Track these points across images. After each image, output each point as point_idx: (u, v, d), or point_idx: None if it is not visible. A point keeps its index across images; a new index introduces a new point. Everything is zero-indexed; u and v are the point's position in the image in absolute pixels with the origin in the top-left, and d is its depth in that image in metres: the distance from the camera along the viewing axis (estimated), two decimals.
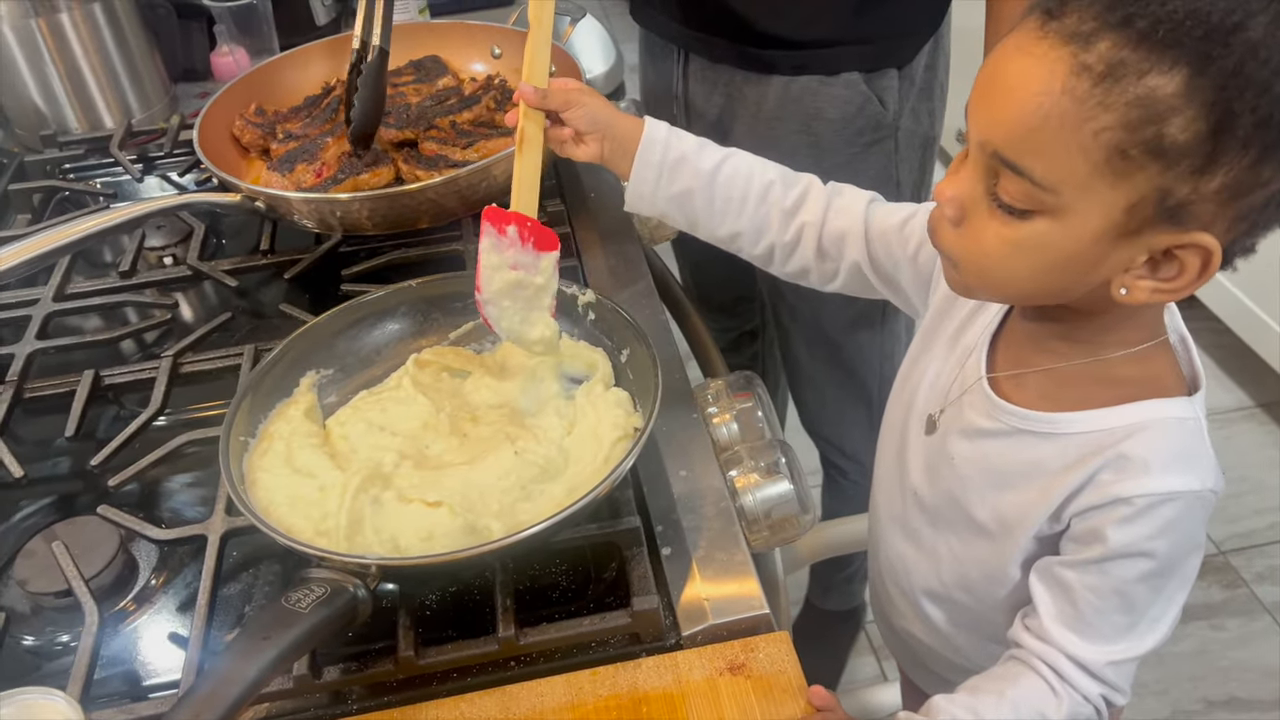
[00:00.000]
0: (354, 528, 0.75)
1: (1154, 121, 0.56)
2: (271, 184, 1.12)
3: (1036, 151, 0.60)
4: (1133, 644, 0.71)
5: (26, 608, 0.82)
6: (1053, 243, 0.62)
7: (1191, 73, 0.55)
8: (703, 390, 0.94)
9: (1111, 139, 0.57)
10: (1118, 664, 0.72)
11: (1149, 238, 0.61)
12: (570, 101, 0.87)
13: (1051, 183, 0.60)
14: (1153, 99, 0.56)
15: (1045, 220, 0.62)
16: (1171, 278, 0.62)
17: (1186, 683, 1.75)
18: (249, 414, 0.84)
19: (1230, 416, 2.21)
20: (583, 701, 0.72)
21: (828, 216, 0.88)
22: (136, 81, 1.46)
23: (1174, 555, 0.69)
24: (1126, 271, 0.63)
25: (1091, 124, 0.57)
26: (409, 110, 1.21)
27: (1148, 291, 0.63)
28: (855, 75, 1.16)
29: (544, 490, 0.79)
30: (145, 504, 0.92)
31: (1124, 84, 0.56)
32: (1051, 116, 0.58)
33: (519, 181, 0.88)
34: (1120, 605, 0.70)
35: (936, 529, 0.83)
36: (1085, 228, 0.61)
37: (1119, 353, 0.69)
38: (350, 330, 0.93)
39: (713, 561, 0.79)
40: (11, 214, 1.30)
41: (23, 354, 1.02)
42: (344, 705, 0.74)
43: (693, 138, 0.89)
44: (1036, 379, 0.73)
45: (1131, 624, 0.71)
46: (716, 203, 0.88)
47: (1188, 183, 0.58)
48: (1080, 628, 0.71)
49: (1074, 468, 0.70)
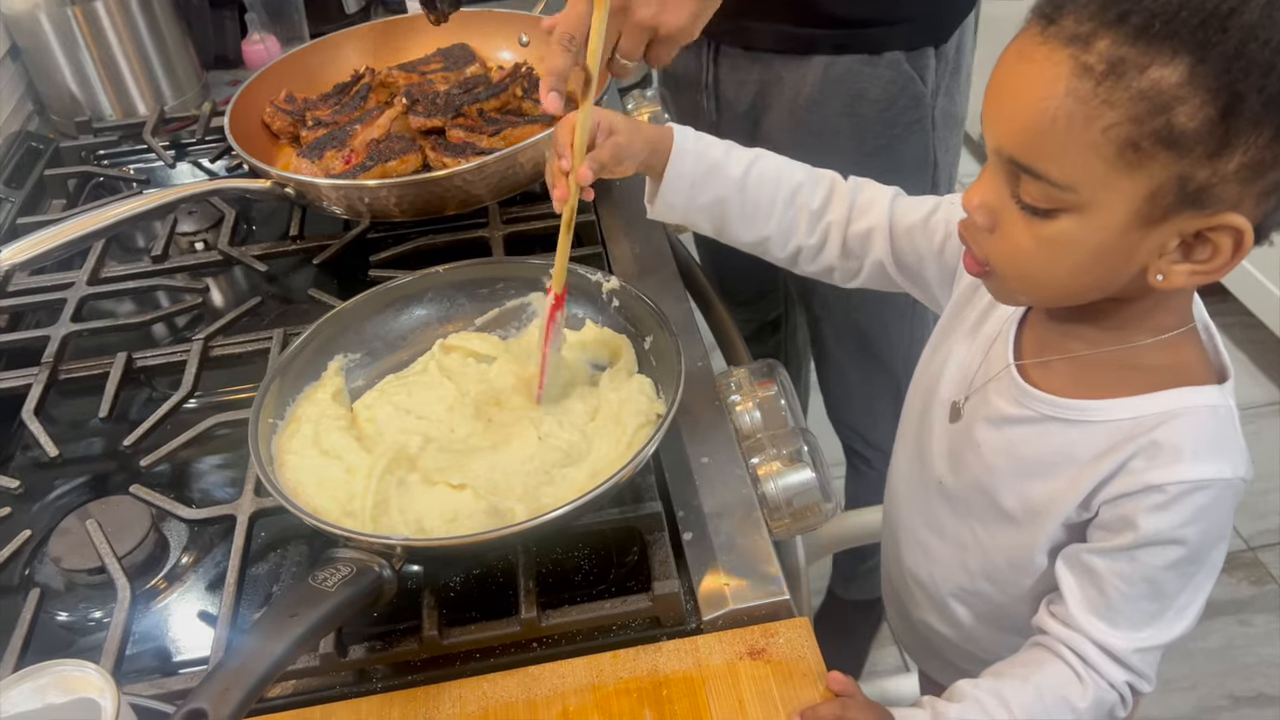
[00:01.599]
0: (380, 509, 0.76)
1: (1161, 112, 0.57)
2: (301, 170, 1.13)
3: (1049, 154, 0.61)
4: (1160, 631, 0.71)
5: (61, 584, 0.84)
6: (1082, 238, 0.63)
7: (1193, 61, 0.56)
8: (725, 377, 0.95)
9: (1121, 134, 0.58)
10: (1144, 651, 0.72)
11: (1177, 223, 0.61)
12: (619, 158, 0.83)
13: (1069, 182, 0.61)
14: (1157, 91, 0.57)
15: (1070, 217, 0.62)
16: (1206, 259, 0.62)
17: (1213, 678, 1.74)
18: (278, 397, 0.86)
19: (1261, 411, 2.18)
20: (603, 683, 0.72)
21: (852, 215, 0.87)
22: (169, 69, 1.47)
23: (1204, 543, 0.69)
24: (1161, 257, 0.63)
25: (1099, 122, 0.58)
26: (437, 98, 1.22)
27: (1185, 275, 0.63)
28: (898, 54, 1.15)
29: (567, 475, 0.80)
30: (176, 484, 0.93)
31: (1126, 80, 0.57)
32: (1059, 119, 0.59)
33: (563, 258, 0.85)
34: (1149, 592, 0.70)
35: (962, 519, 0.83)
36: (1111, 220, 0.61)
37: (1149, 339, 0.69)
38: (378, 315, 0.94)
39: (734, 547, 0.80)
40: (47, 199, 1.32)
41: (58, 336, 1.04)
42: (369, 684, 0.75)
43: (720, 142, 0.87)
44: (1064, 366, 0.73)
45: (1160, 611, 0.71)
46: (747, 208, 0.87)
47: (1205, 166, 0.58)
48: (1108, 614, 0.71)
49: (1105, 455, 0.70)
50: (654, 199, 0.88)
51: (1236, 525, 1.97)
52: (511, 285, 0.96)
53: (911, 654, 1.03)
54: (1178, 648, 0.72)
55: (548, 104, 0.85)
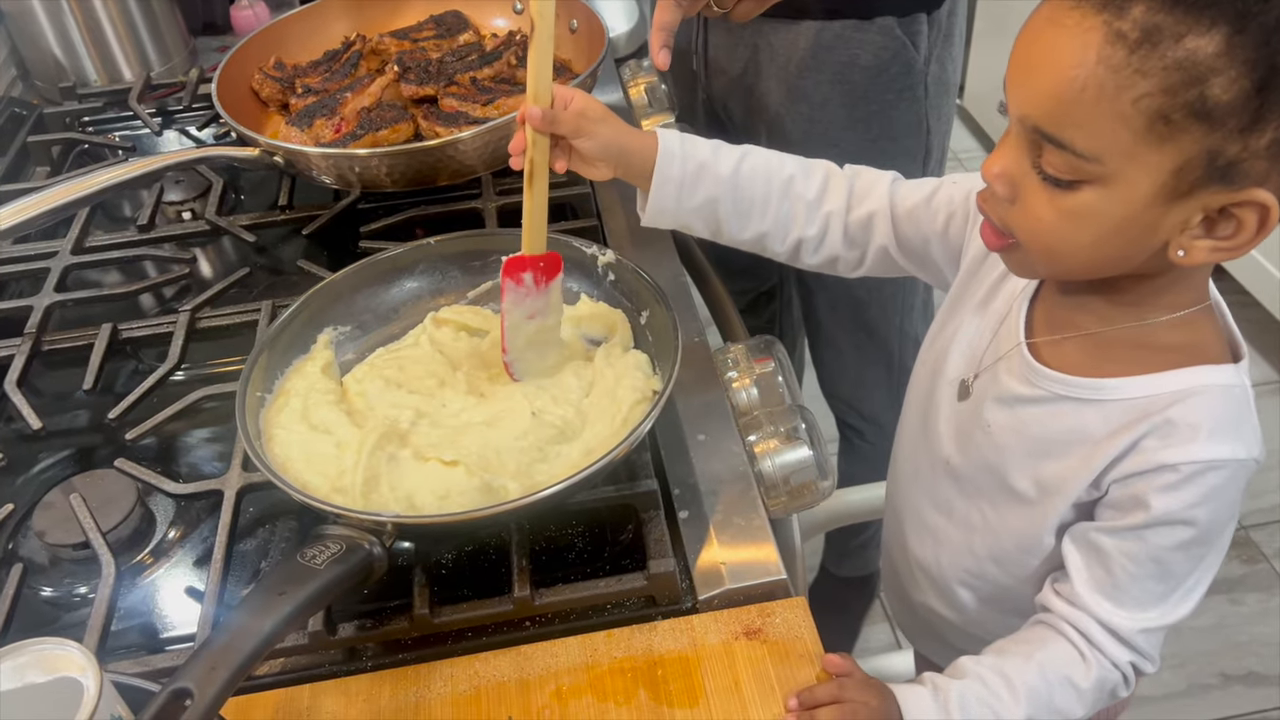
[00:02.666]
0: (370, 485, 0.75)
1: (1195, 84, 0.55)
2: (290, 139, 1.11)
3: (1076, 124, 0.59)
4: (1166, 612, 0.71)
5: (45, 559, 0.83)
6: (1105, 210, 0.61)
7: (1231, 31, 0.54)
8: (722, 354, 0.93)
9: (1152, 105, 0.57)
10: (1149, 631, 0.71)
11: (1202, 198, 0.60)
12: (580, 130, 0.78)
13: (1094, 153, 0.59)
14: (1192, 61, 0.55)
15: (1093, 189, 0.61)
16: (1229, 235, 0.61)
17: (1204, 657, 1.74)
18: (266, 370, 0.84)
19: (1257, 390, 2.16)
20: (597, 662, 0.71)
21: (851, 202, 0.85)
22: (156, 34, 1.44)
23: (1214, 524, 0.68)
24: (1183, 233, 0.62)
25: (1130, 92, 0.57)
26: (429, 66, 1.20)
27: (1206, 251, 0.62)
28: (890, 20, 1.14)
29: (561, 451, 0.79)
30: (163, 458, 0.92)
31: (1161, 49, 0.55)
32: (1089, 88, 0.58)
33: (529, 218, 0.81)
34: (1157, 573, 0.69)
35: (970, 499, 0.82)
36: (1135, 193, 0.60)
37: (1165, 316, 0.68)
38: (368, 287, 0.93)
39: (730, 526, 0.79)
40: (30, 166, 1.29)
41: (41, 306, 1.02)
42: (359, 662, 0.74)
43: (706, 142, 0.84)
44: (1077, 343, 0.72)
45: (1166, 592, 0.70)
46: (740, 205, 0.84)
47: (1237, 141, 0.57)
48: (1114, 594, 0.71)
49: (1118, 433, 0.69)
50: (644, 205, 0.85)
51: None
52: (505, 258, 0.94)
53: (910, 636, 1.02)
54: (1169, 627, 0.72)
55: (658, 60, 0.82)
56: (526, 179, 0.79)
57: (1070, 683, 0.71)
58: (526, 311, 0.83)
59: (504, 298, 0.83)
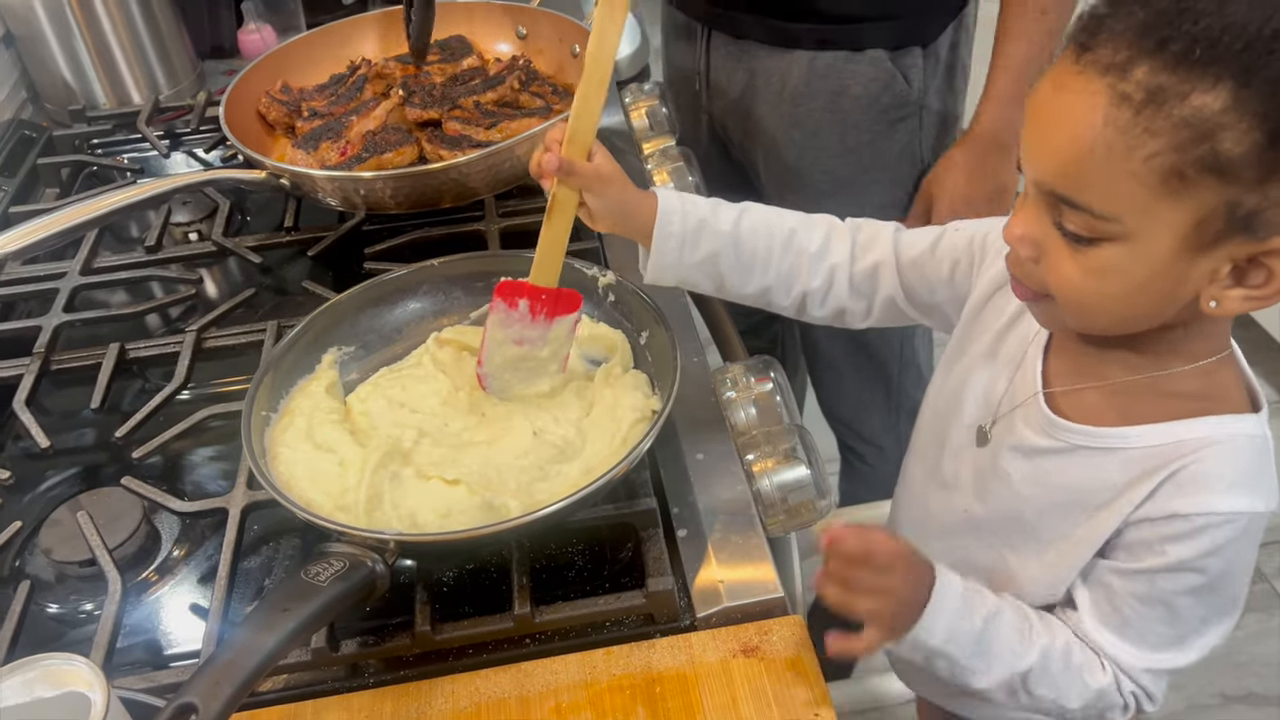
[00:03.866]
0: (373, 503, 0.76)
1: (1205, 139, 0.56)
2: (296, 161, 1.12)
3: (1089, 185, 0.60)
4: (1174, 656, 0.71)
5: (51, 576, 0.84)
6: (1129, 267, 0.61)
7: (1236, 86, 0.55)
8: (721, 374, 0.94)
9: (1164, 163, 0.57)
10: (1155, 673, 0.72)
11: (1228, 249, 0.60)
12: (591, 187, 0.79)
13: (1111, 213, 0.60)
14: (1200, 118, 0.55)
15: (1115, 246, 0.61)
16: (1260, 284, 0.61)
17: (1203, 677, 1.74)
18: (271, 389, 0.85)
19: None
20: (596, 680, 0.72)
21: (855, 254, 0.85)
22: (164, 58, 1.46)
23: (1226, 573, 0.68)
24: (1213, 283, 0.62)
25: (1140, 151, 0.57)
26: (434, 90, 1.21)
27: (1239, 301, 0.62)
28: (880, 52, 1.15)
29: (561, 470, 0.80)
30: (168, 476, 0.93)
31: (1167, 108, 0.56)
32: (1097, 149, 0.58)
33: (543, 250, 0.82)
34: (1165, 616, 0.70)
35: (992, 548, 0.81)
36: (1157, 248, 0.60)
37: (1187, 366, 0.68)
38: (372, 308, 0.94)
39: (728, 544, 0.80)
40: (40, 188, 1.31)
41: (50, 326, 1.03)
42: (361, 678, 0.75)
43: (705, 200, 0.84)
44: (1097, 392, 0.71)
45: (1176, 637, 0.71)
46: (742, 259, 0.83)
47: (1255, 192, 0.57)
48: (1121, 629, 0.71)
49: (1140, 481, 0.68)
50: (646, 263, 0.84)
51: None
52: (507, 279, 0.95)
53: (908, 680, 1.00)
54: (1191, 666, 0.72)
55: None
56: (548, 211, 0.80)
57: (1083, 672, 0.72)
58: (513, 336, 0.84)
59: (490, 312, 0.84)
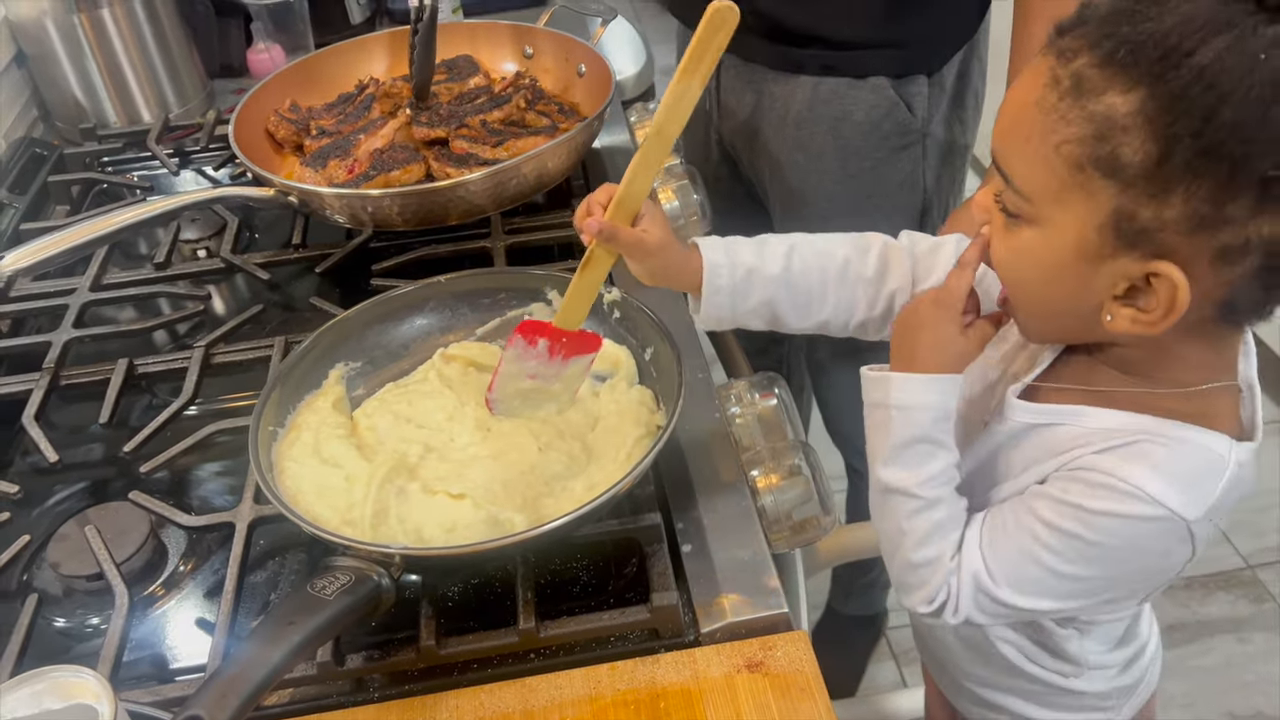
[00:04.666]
0: (379, 518, 0.76)
1: (1109, 139, 0.57)
2: (305, 179, 1.13)
3: (1015, 157, 0.62)
4: (1009, 592, 0.70)
5: (58, 590, 0.84)
6: (1041, 253, 0.63)
7: (1146, 94, 0.56)
8: (726, 390, 0.95)
9: (1071, 153, 0.59)
10: (982, 591, 0.71)
11: (1123, 262, 0.60)
12: (632, 255, 0.79)
13: (1027, 191, 0.62)
14: (1107, 117, 0.57)
15: (1033, 229, 0.63)
16: (1149, 309, 0.61)
17: (1211, 696, 1.73)
18: (278, 404, 0.86)
19: None
20: (600, 695, 0.72)
21: (918, 274, 0.83)
22: (174, 77, 1.48)
23: (1112, 549, 0.67)
24: (1112, 298, 0.62)
25: (1054, 136, 0.59)
26: (440, 109, 1.22)
27: (1128, 320, 0.62)
28: (883, 80, 1.16)
29: (566, 485, 0.80)
30: (175, 491, 0.93)
31: (1084, 100, 0.58)
32: (1024, 124, 0.61)
33: (572, 296, 0.82)
34: (1027, 546, 0.68)
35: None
36: (1064, 240, 0.62)
37: (1172, 390, 0.68)
38: (379, 324, 0.94)
39: (733, 560, 0.80)
40: (51, 205, 1.32)
41: (59, 342, 1.04)
42: (366, 693, 0.75)
43: (750, 244, 0.82)
44: (1082, 395, 0.71)
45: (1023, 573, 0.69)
46: (797, 299, 0.83)
47: (1148, 207, 0.57)
48: (991, 536, 0.71)
49: (1087, 445, 0.68)
50: (698, 312, 0.84)
51: (1236, 543, 1.97)
52: (513, 296, 0.96)
53: (929, 668, 1.01)
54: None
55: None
56: (583, 262, 0.80)
57: (941, 535, 0.72)
58: (528, 370, 0.85)
59: (508, 347, 0.84)
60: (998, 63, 1.18)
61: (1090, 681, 0.85)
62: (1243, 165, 0.55)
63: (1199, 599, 1.88)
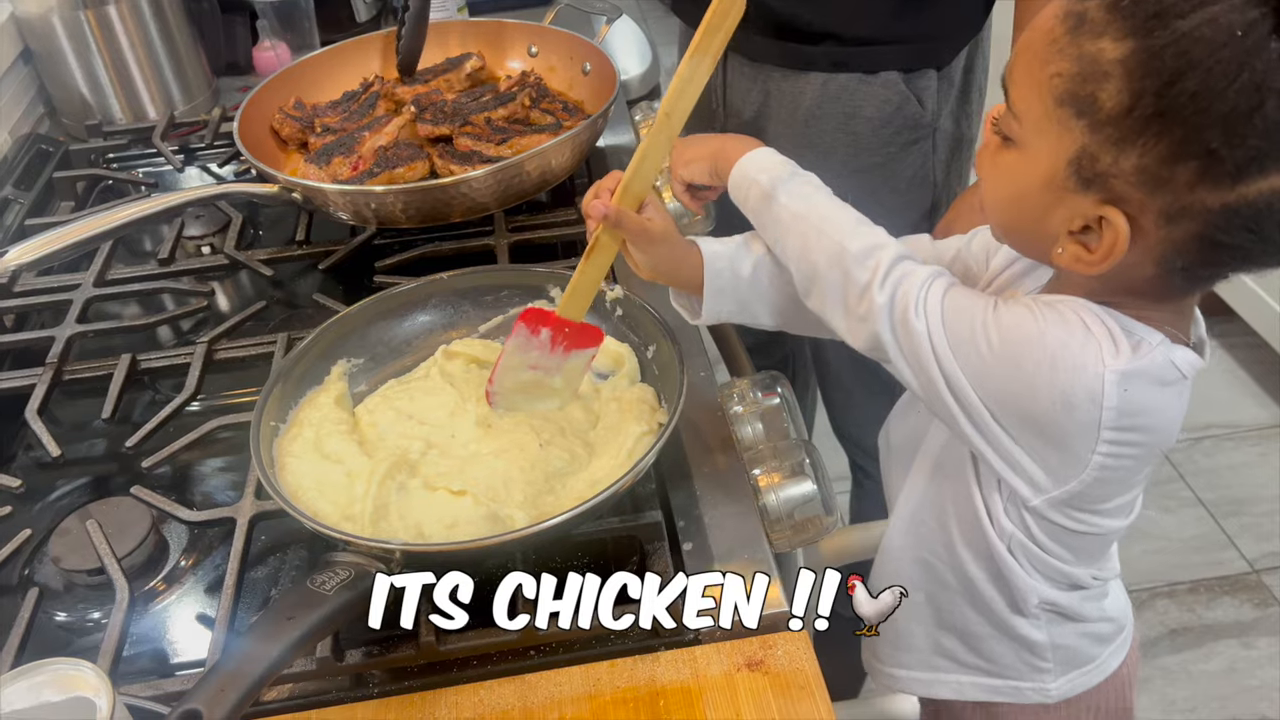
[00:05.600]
0: (380, 513, 0.76)
1: (1091, 81, 0.60)
2: (309, 176, 1.13)
3: (1016, 79, 0.65)
4: (943, 337, 0.70)
5: (59, 584, 0.84)
6: (1016, 175, 0.67)
7: (1133, 47, 0.58)
8: (728, 388, 0.94)
9: (1060, 86, 0.61)
10: (923, 302, 0.70)
11: (1080, 200, 0.63)
12: (637, 242, 0.79)
13: (1018, 111, 0.65)
14: (1095, 60, 0.59)
15: (1015, 152, 0.66)
16: (1093, 249, 0.64)
17: (1215, 701, 1.72)
18: (280, 400, 0.86)
19: (1266, 433, 2.17)
20: (600, 693, 0.72)
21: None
22: (180, 74, 1.48)
23: (1036, 341, 0.66)
24: (1066, 232, 0.65)
25: (1050, 67, 0.62)
26: (445, 106, 1.23)
27: (1072, 256, 0.65)
28: (894, 75, 1.16)
29: (567, 483, 0.80)
30: (177, 486, 0.93)
31: (1082, 39, 0.60)
32: (1030, 49, 0.63)
33: (576, 285, 0.82)
34: (976, 307, 0.69)
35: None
36: (1037, 168, 0.64)
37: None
38: (382, 321, 0.94)
39: (734, 559, 0.80)
40: (56, 201, 1.32)
41: (63, 337, 1.04)
42: (365, 689, 0.75)
43: (751, 234, 0.83)
44: None
45: (960, 327, 0.69)
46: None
47: (1109, 154, 0.60)
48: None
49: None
50: (697, 313, 0.84)
51: (1241, 547, 1.96)
52: (516, 293, 0.96)
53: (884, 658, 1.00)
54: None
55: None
56: (588, 250, 0.80)
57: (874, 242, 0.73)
58: (529, 361, 0.85)
59: (511, 336, 0.84)
60: (1000, 57, 1.19)
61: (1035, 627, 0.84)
62: (1194, 134, 0.57)
63: (1204, 603, 1.87)
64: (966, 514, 0.81)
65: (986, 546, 0.80)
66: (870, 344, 0.74)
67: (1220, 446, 2.16)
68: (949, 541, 0.83)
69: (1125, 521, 0.79)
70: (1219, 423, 2.21)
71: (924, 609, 0.89)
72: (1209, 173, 0.58)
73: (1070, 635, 0.85)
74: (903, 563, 0.89)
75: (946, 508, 0.83)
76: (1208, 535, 2.00)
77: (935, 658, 0.91)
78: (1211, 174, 0.58)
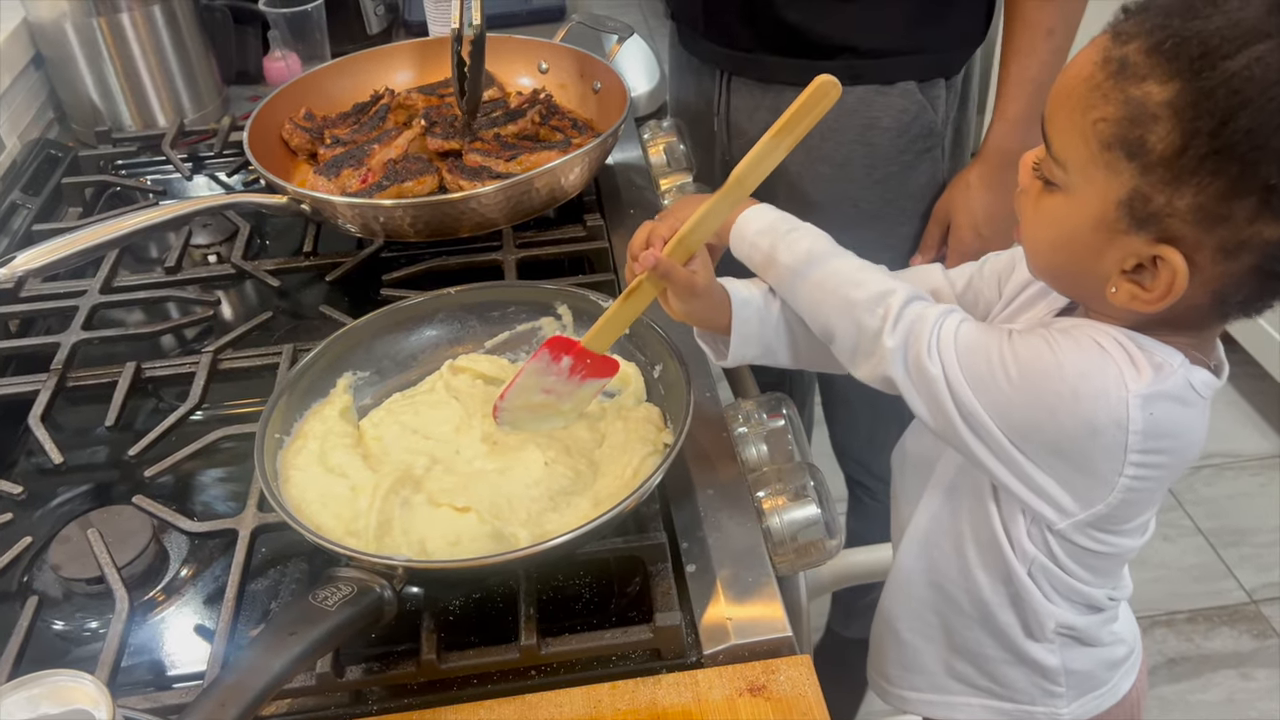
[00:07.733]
0: (383, 529, 0.76)
1: (1139, 124, 0.61)
2: (318, 187, 1.13)
3: (1058, 125, 0.66)
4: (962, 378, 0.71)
5: (58, 593, 0.84)
6: (1064, 219, 0.67)
7: (1181, 87, 0.59)
8: (733, 409, 0.94)
9: (1105, 131, 0.62)
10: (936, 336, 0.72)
11: (1134, 240, 0.64)
12: (679, 294, 0.80)
13: (1061, 158, 0.66)
14: (1142, 103, 0.60)
15: (1060, 196, 0.67)
16: (1150, 288, 0.65)
17: None
18: (285, 412, 0.85)
19: (1267, 463, 2.17)
20: (600, 714, 0.71)
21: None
22: (191, 82, 1.48)
23: (1054, 373, 0.68)
24: (1120, 271, 0.66)
25: (1094, 112, 0.63)
26: (455, 121, 1.23)
27: (1127, 295, 0.66)
28: (911, 84, 1.18)
29: (572, 501, 0.80)
30: (179, 496, 0.93)
31: (1126, 83, 0.61)
32: (1072, 95, 0.64)
33: (608, 322, 0.82)
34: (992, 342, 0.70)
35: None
36: (1086, 211, 0.65)
37: None
38: (388, 334, 0.94)
39: (737, 581, 0.79)
40: (63, 207, 1.32)
41: (68, 344, 1.04)
42: (364, 705, 0.74)
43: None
44: None
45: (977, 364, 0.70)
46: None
47: (1163, 194, 0.61)
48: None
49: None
50: (722, 354, 0.85)
51: (1240, 577, 1.96)
52: (523, 309, 0.96)
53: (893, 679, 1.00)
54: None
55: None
56: (626, 291, 0.80)
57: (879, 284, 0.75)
58: (544, 385, 0.85)
59: (533, 359, 0.84)
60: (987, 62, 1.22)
61: (1049, 652, 0.84)
62: (1251, 171, 0.59)
63: (1202, 633, 1.87)
64: (984, 537, 0.81)
65: (1005, 570, 0.80)
66: (886, 386, 0.75)
67: (1221, 476, 2.16)
68: (964, 565, 0.83)
69: (1142, 540, 0.80)
70: (1220, 452, 2.21)
71: (936, 631, 0.89)
72: (1267, 206, 0.60)
73: (1084, 660, 0.85)
74: (915, 585, 0.88)
75: (963, 530, 0.83)
76: (1207, 565, 2.00)
77: (947, 680, 0.90)
78: (1270, 207, 0.60)
